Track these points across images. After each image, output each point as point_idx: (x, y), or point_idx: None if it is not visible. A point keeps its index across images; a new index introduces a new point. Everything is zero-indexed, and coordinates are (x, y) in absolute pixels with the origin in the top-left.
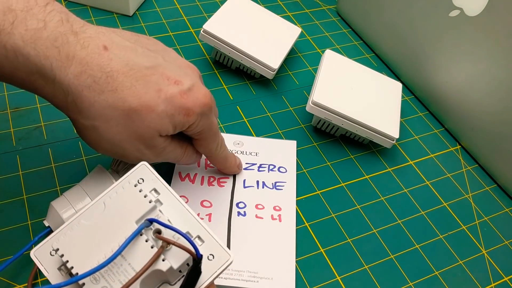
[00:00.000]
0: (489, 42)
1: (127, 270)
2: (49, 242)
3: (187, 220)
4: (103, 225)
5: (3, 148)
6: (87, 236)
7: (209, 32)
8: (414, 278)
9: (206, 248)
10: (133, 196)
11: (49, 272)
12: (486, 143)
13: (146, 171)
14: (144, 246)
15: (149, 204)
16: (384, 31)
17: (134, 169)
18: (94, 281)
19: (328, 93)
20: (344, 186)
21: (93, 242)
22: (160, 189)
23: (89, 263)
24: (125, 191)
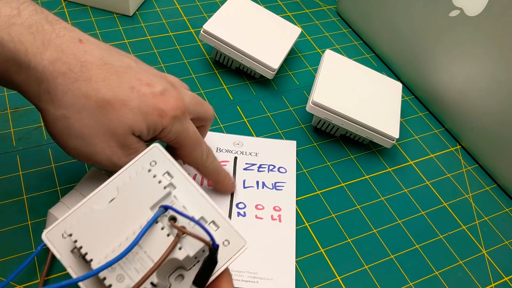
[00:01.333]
0: (489, 42)
1: (143, 259)
2: (61, 224)
3: (202, 204)
4: (117, 211)
5: (3, 148)
6: (100, 222)
7: (209, 32)
8: (414, 278)
9: (221, 233)
10: (147, 182)
11: (61, 254)
12: (486, 143)
13: (158, 153)
14: (160, 234)
15: (164, 190)
16: (384, 31)
17: (146, 151)
18: (110, 269)
19: (328, 93)
20: (344, 186)
21: (107, 228)
22: (173, 172)
23: (104, 250)
24: (139, 176)
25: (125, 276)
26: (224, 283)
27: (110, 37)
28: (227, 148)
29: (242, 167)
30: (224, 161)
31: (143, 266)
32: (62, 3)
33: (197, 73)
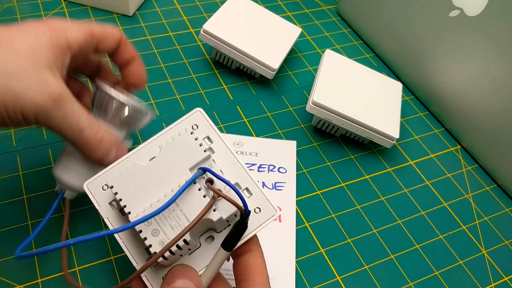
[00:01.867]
0: (489, 42)
1: (179, 216)
2: (102, 176)
3: (237, 171)
4: (158, 169)
5: (3, 148)
6: (141, 177)
7: (209, 32)
8: (414, 278)
9: (254, 200)
10: (189, 143)
11: (100, 205)
12: (486, 143)
13: (200, 117)
14: (197, 194)
15: (204, 153)
16: (384, 31)
17: (190, 114)
18: (147, 223)
19: (328, 93)
20: (344, 186)
21: (147, 184)
22: (213, 138)
23: (142, 204)
24: (181, 137)
25: (160, 232)
26: (253, 248)
27: None
28: None
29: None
30: None
31: (178, 223)
32: (62, 3)
33: (197, 73)
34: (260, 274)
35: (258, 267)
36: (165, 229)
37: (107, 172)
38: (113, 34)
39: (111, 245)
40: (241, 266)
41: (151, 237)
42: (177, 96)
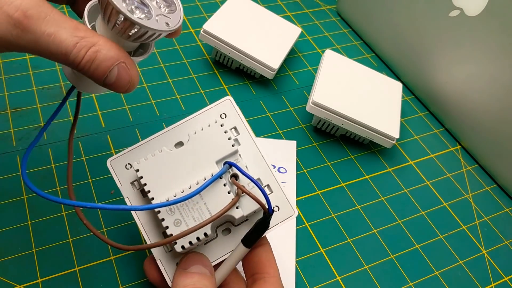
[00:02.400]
0: (489, 42)
1: (202, 209)
2: (126, 155)
3: (261, 166)
4: (184, 158)
5: (3, 148)
6: (167, 165)
7: (209, 32)
8: (414, 278)
9: (273, 198)
10: (218, 136)
11: (122, 184)
12: (486, 143)
13: (230, 106)
14: (222, 190)
15: (232, 148)
16: (384, 31)
17: (219, 102)
18: (170, 211)
19: (328, 93)
20: (344, 186)
21: (172, 172)
22: (240, 129)
23: (166, 192)
24: (211, 129)
25: (182, 222)
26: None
27: None
28: None
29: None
30: None
31: (201, 216)
32: None
33: (197, 73)
34: (273, 267)
35: (270, 261)
36: (187, 220)
37: (131, 151)
38: None
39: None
40: (253, 260)
41: (173, 226)
42: (177, 96)
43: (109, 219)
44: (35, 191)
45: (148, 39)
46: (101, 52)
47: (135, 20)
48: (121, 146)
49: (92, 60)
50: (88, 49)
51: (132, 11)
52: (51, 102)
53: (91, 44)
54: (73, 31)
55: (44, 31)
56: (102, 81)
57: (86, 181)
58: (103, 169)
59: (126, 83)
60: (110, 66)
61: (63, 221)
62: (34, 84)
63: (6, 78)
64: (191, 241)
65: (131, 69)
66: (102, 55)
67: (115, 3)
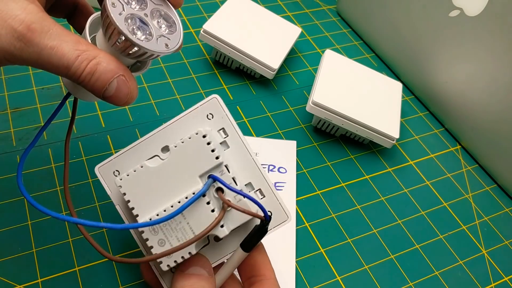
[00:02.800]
0: (489, 42)
1: (185, 229)
2: (114, 161)
3: (251, 170)
4: (167, 173)
5: (3, 148)
6: (149, 180)
7: (209, 32)
8: (414, 278)
9: (266, 203)
10: (200, 148)
11: (112, 191)
12: (486, 143)
13: (217, 106)
14: (205, 208)
15: (216, 160)
16: (384, 31)
17: (205, 101)
18: (153, 231)
19: (328, 93)
20: (344, 186)
21: (155, 189)
22: (229, 131)
23: (150, 210)
24: (192, 141)
25: (166, 242)
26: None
27: None
28: None
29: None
30: None
31: (184, 236)
32: None
33: (197, 73)
34: (268, 269)
35: (265, 263)
36: (171, 240)
37: (118, 157)
38: None
39: (111, 245)
40: (249, 263)
41: (157, 246)
42: (177, 96)
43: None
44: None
45: (146, 58)
46: (101, 65)
47: (136, 42)
48: (121, 146)
49: (93, 72)
50: (89, 62)
51: (134, 31)
52: (51, 102)
53: (92, 57)
54: (74, 45)
55: (47, 44)
56: (102, 94)
57: (86, 181)
58: None
59: (125, 95)
60: (110, 79)
61: (64, 222)
62: (34, 84)
63: (6, 78)
64: (176, 260)
65: (130, 82)
66: (102, 68)
67: (117, 24)
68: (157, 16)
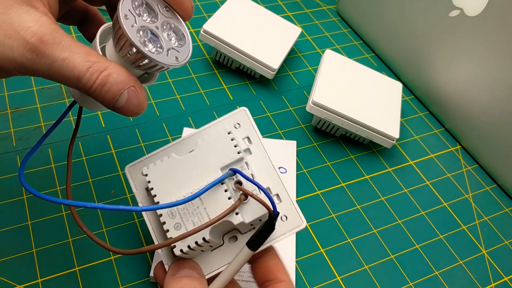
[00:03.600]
0: (489, 42)
1: (201, 214)
2: (143, 162)
3: (271, 176)
4: (191, 164)
5: (3, 148)
6: (174, 170)
7: (209, 32)
8: (414, 278)
9: (282, 208)
10: (224, 143)
11: (137, 190)
12: (486, 143)
13: (244, 117)
14: (223, 195)
15: (237, 155)
16: (384, 31)
17: (235, 113)
18: (171, 215)
19: (328, 93)
20: (344, 186)
21: (178, 178)
22: (253, 139)
23: (170, 197)
24: (218, 136)
25: (182, 226)
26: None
27: None
28: None
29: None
30: None
31: (200, 221)
32: None
33: (197, 73)
34: (281, 272)
35: (279, 267)
36: (187, 224)
37: (148, 158)
38: None
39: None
40: (262, 267)
41: (173, 230)
42: (177, 96)
43: (109, 220)
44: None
45: (156, 70)
46: (112, 76)
47: (147, 54)
48: (121, 146)
49: (104, 83)
50: (100, 73)
51: (145, 43)
52: (51, 102)
53: (102, 69)
54: (85, 56)
55: (59, 56)
56: (112, 105)
57: (86, 181)
58: (103, 169)
59: (136, 106)
60: (120, 90)
61: (63, 221)
62: (34, 84)
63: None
64: (190, 245)
65: (141, 92)
66: (113, 79)
67: (130, 36)
68: (167, 29)
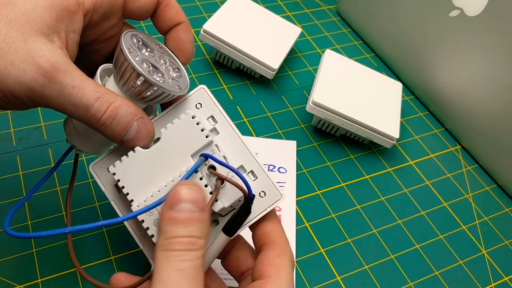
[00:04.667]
0: (489, 42)
1: None
2: (107, 158)
3: (242, 153)
4: (159, 156)
5: (3, 148)
6: (142, 164)
7: (209, 32)
8: (414, 278)
9: (259, 184)
10: (190, 128)
11: (106, 188)
12: (486, 143)
13: (204, 95)
14: (199, 184)
15: (206, 139)
16: (384, 31)
17: (193, 92)
18: (149, 213)
19: (328, 93)
20: (344, 186)
21: (148, 172)
22: (217, 117)
23: (144, 193)
24: (182, 122)
25: None
26: (270, 217)
27: None
28: None
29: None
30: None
31: None
32: None
33: (197, 73)
34: (279, 237)
35: (276, 231)
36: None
37: (111, 153)
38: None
39: (111, 244)
40: (259, 233)
41: (153, 227)
42: None
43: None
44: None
45: (159, 101)
46: (121, 108)
47: (155, 82)
48: None
49: (114, 116)
50: (110, 105)
51: (150, 73)
52: None
53: (112, 100)
54: (95, 87)
55: (69, 83)
56: (121, 137)
57: (86, 181)
58: None
59: (145, 136)
60: (130, 121)
61: (63, 221)
62: None
63: None
64: None
65: (149, 123)
66: (123, 111)
67: (137, 67)
68: (164, 62)
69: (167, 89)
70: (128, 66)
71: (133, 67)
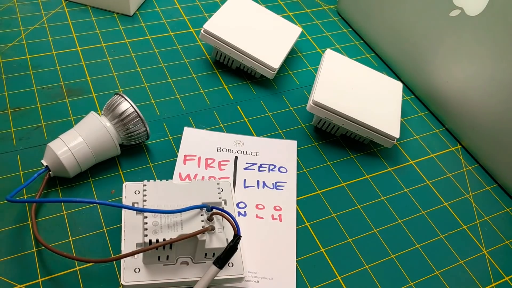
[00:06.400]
0: (489, 42)
1: (177, 224)
2: (140, 183)
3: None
4: (182, 190)
5: (3, 148)
6: (166, 190)
7: (210, 32)
8: (414, 278)
9: (233, 258)
10: (212, 188)
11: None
12: (487, 142)
13: (228, 187)
14: (198, 220)
15: (219, 200)
16: (385, 31)
17: (221, 180)
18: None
19: (328, 93)
20: (345, 186)
21: (168, 196)
22: (228, 202)
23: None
24: (210, 183)
25: (158, 224)
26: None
27: (110, 37)
28: (227, 148)
29: (243, 167)
30: (224, 160)
31: (174, 228)
32: (63, 3)
33: (198, 73)
34: None
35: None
36: (163, 225)
37: (141, 182)
38: None
39: (111, 244)
40: None
41: (150, 224)
42: (177, 96)
43: (110, 219)
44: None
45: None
46: None
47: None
48: (121, 146)
49: None
50: None
51: None
52: (51, 102)
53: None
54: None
55: None
56: None
57: (86, 181)
58: (103, 169)
59: None
60: None
61: (63, 221)
62: (34, 84)
63: (6, 77)
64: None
65: None
66: None
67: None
68: None
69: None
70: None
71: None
